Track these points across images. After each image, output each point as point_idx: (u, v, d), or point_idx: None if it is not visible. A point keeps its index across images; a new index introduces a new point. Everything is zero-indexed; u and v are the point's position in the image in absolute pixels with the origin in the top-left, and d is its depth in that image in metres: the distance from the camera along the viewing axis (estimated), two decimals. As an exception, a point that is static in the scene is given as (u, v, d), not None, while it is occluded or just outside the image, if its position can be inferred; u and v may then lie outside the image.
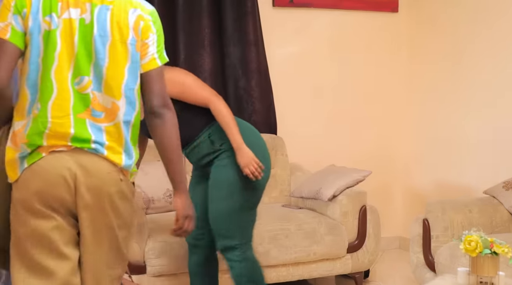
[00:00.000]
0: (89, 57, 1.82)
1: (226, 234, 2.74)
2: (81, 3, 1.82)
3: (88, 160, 1.81)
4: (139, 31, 1.88)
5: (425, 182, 4.39)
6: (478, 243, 2.24)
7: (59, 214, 1.81)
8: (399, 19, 4.53)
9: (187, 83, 2.68)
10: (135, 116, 1.89)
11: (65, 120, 1.80)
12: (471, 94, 4.00)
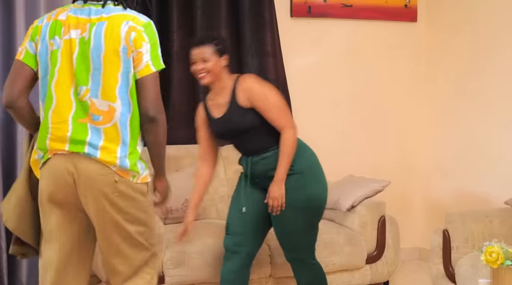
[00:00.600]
0: (87, 69, 2.09)
1: (294, 248, 2.92)
2: (82, 24, 2.10)
3: (82, 163, 2.08)
4: (130, 40, 2.09)
5: (444, 192, 4.35)
6: (499, 255, 2.21)
7: (64, 208, 2.14)
8: (418, 29, 4.52)
9: (272, 102, 2.80)
10: (131, 116, 2.11)
11: (63, 125, 2.09)
12: (492, 104, 3.96)
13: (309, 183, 2.85)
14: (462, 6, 4.19)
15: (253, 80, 2.85)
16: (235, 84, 2.83)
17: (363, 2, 4.33)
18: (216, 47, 2.80)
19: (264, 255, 3.28)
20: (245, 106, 2.79)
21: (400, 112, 4.51)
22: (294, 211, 2.82)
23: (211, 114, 2.91)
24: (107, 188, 2.07)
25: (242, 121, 2.81)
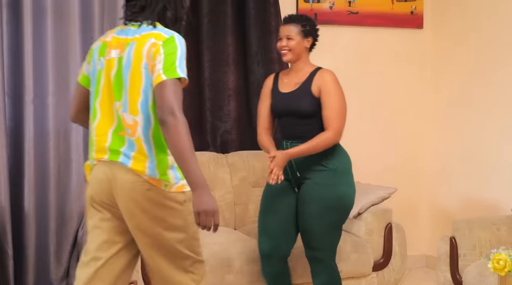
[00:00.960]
0: (120, 86, 2.24)
1: (317, 247, 2.94)
2: (121, 44, 2.27)
3: (119, 171, 2.22)
4: (150, 57, 2.20)
5: (451, 199, 4.34)
6: (507, 262, 2.20)
7: (104, 210, 2.29)
8: (424, 36, 4.52)
9: (335, 102, 2.89)
10: (152, 129, 2.20)
11: (103, 137, 2.27)
12: (498, 110, 3.96)
13: (340, 182, 2.93)
14: (468, 14, 4.19)
15: (333, 77, 2.97)
16: (315, 71, 2.98)
17: (369, 9, 4.34)
18: (302, 28, 2.95)
19: (271, 262, 3.28)
20: (314, 93, 2.91)
21: (406, 119, 4.50)
22: (321, 208, 2.88)
23: (278, 87, 3.04)
24: (139, 196, 2.17)
25: (304, 104, 2.92)
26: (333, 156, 2.93)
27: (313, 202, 2.90)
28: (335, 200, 2.90)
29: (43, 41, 3.59)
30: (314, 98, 2.92)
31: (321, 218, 2.90)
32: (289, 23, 2.97)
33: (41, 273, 3.63)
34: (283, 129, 3.06)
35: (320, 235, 2.93)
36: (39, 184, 3.60)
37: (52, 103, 3.63)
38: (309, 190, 2.93)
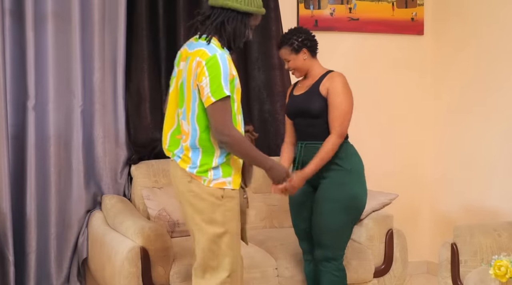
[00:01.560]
0: (182, 95, 2.53)
1: (328, 246, 3.00)
2: (185, 57, 2.54)
3: (174, 167, 2.61)
4: (195, 75, 2.45)
5: (452, 205, 4.33)
6: (508, 268, 2.20)
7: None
8: (425, 42, 4.52)
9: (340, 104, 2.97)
10: (198, 138, 2.49)
11: (165, 139, 2.64)
12: (498, 116, 3.96)
13: (354, 182, 3.00)
14: (468, 20, 4.20)
15: (342, 79, 3.03)
16: (326, 73, 3.06)
17: (369, 16, 4.35)
18: (290, 47, 3.04)
19: (270, 268, 3.27)
20: (322, 93, 3.00)
21: (407, 125, 4.50)
22: (334, 206, 2.94)
23: (293, 92, 3.17)
24: (183, 187, 2.53)
25: (313, 105, 3.00)
26: (347, 156, 3.00)
27: (327, 201, 2.96)
28: (349, 199, 2.96)
29: (44, 48, 3.60)
30: (323, 98, 3.00)
31: (333, 217, 2.95)
32: (280, 48, 3.08)
33: (42, 279, 3.63)
34: (297, 131, 3.15)
35: (331, 234, 2.99)
36: (40, 190, 3.61)
37: (53, 110, 3.64)
38: (324, 189, 3.00)
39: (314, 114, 3.00)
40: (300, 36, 3.05)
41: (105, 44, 3.71)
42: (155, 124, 3.83)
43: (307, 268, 3.22)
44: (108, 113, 3.74)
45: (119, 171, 3.75)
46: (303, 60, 3.06)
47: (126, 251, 3.03)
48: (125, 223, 3.25)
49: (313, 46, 3.09)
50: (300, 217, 3.13)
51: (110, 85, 3.74)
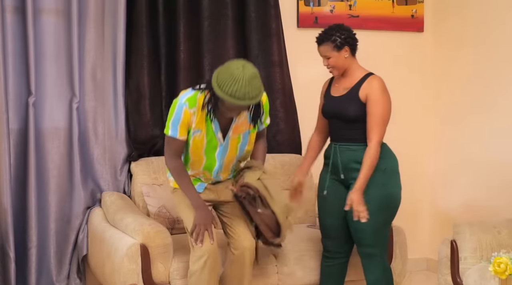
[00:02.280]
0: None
1: (368, 244, 3.04)
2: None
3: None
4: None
5: (452, 202, 4.33)
6: (508, 265, 2.20)
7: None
8: (425, 39, 4.52)
9: (378, 111, 2.96)
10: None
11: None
12: (498, 114, 3.96)
13: (389, 181, 3.03)
14: (469, 17, 4.19)
15: (381, 84, 3.02)
16: (365, 77, 3.03)
17: (369, 13, 4.34)
18: (333, 44, 3.00)
19: (271, 265, 3.27)
20: (362, 99, 2.99)
21: (406, 122, 4.50)
22: (371, 207, 2.94)
23: (330, 91, 3.14)
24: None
25: (350, 109, 3.01)
26: (381, 156, 3.01)
27: (364, 202, 2.96)
28: (385, 199, 3.00)
29: (44, 44, 3.60)
30: (362, 104, 3.00)
31: (371, 217, 2.94)
32: (321, 44, 3.04)
33: (42, 275, 3.64)
34: (331, 131, 3.16)
35: (371, 233, 3.01)
36: (41, 186, 3.61)
37: (53, 106, 3.64)
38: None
39: (351, 119, 3.01)
40: (343, 33, 3.02)
41: (104, 40, 3.71)
42: (155, 121, 3.82)
43: (326, 266, 3.22)
44: (107, 110, 3.74)
45: (118, 168, 3.75)
46: (344, 58, 3.03)
47: (126, 248, 3.03)
48: (125, 220, 3.25)
49: (355, 45, 3.07)
50: (328, 213, 3.13)
51: (109, 82, 3.74)
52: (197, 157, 2.99)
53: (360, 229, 3.01)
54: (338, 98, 3.08)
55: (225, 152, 3.00)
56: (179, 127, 2.87)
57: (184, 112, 2.84)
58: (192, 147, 2.95)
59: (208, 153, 2.97)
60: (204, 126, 2.91)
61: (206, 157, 2.99)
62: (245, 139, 3.01)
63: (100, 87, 3.71)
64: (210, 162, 3.00)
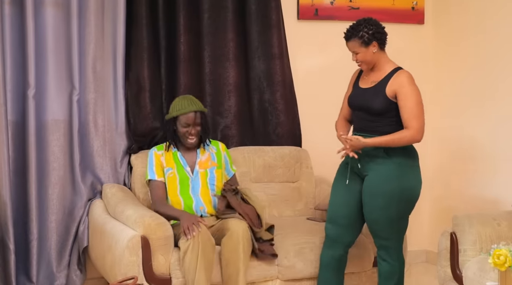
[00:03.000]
0: None
1: (383, 236, 3.06)
2: None
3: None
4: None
5: (452, 195, 4.34)
6: (507, 257, 2.21)
7: None
8: (425, 31, 4.51)
9: (411, 104, 2.96)
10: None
11: None
12: (498, 106, 3.96)
13: (404, 174, 3.00)
14: (469, 9, 4.18)
15: (409, 79, 3.00)
16: (393, 72, 3.02)
17: (370, 5, 4.33)
18: (360, 40, 2.99)
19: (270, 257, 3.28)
20: (388, 94, 2.98)
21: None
22: (386, 199, 2.97)
23: (359, 82, 3.15)
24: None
25: (375, 103, 3.00)
26: (399, 150, 3.00)
27: (378, 195, 2.98)
28: (399, 193, 2.98)
29: (43, 36, 3.60)
30: (387, 99, 2.99)
31: (386, 210, 2.98)
32: (349, 40, 3.03)
33: (43, 267, 3.64)
34: (355, 121, 3.18)
35: (386, 226, 3.03)
36: (41, 179, 3.61)
37: (53, 98, 3.64)
38: (373, 183, 3.01)
39: (376, 112, 3.01)
40: (370, 29, 2.99)
41: (104, 33, 3.70)
42: (155, 114, 3.82)
43: (325, 255, 3.21)
44: (107, 102, 3.74)
45: (119, 160, 3.76)
46: (372, 53, 3.02)
47: (126, 240, 3.04)
48: (125, 212, 3.25)
49: (383, 39, 3.04)
50: (343, 203, 3.13)
51: (109, 74, 3.74)
52: (175, 199, 3.37)
53: (375, 221, 3.04)
54: (365, 90, 3.08)
55: (197, 187, 3.38)
56: (155, 169, 3.39)
57: (154, 155, 3.42)
58: (169, 188, 3.38)
59: (183, 193, 3.37)
60: (174, 164, 3.40)
61: (183, 198, 3.36)
62: (212, 174, 3.42)
63: (100, 79, 3.71)
64: (187, 201, 3.36)
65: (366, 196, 3.03)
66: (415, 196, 3.07)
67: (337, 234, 3.17)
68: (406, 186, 3.00)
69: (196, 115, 3.38)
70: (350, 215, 3.12)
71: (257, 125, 4.08)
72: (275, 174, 3.92)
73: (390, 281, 3.08)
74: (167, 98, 3.88)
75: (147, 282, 3.06)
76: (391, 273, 3.09)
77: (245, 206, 3.29)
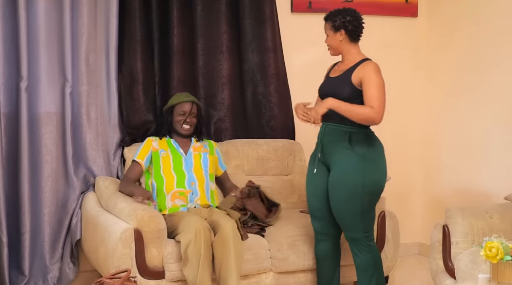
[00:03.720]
0: None
1: (351, 228, 3.07)
2: None
3: None
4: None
5: (444, 187, 4.36)
6: (499, 250, 2.22)
7: None
8: (419, 24, 4.52)
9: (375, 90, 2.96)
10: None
11: None
12: (491, 99, 3.97)
13: (368, 166, 3.00)
14: (463, 2, 4.19)
15: (374, 68, 3.02)
16: (361, 61, 3.06)
17: (363, -3, 4.32)
18: (332, 23, 3.08)
19: (263, 249, 3.28)
20: (353, 82, 3.02)
21: (400, 108, 4.51)
22: (350, 191, 2.98)
23: (330, 73, 3.23)
24: None
25: (342, 90, 3.04)
26: (361, 141, 3.02)
27: (342, 187, 3.00)
28: (363, 185, 2.98)
29: (36, 28, 3.57)
30: (353, 87, 3.02)
31: (351, 203, 2.99)
32: (325, 21, 3.13)
33: (36, 260, 3.64)
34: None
35: (352, 218, 3.03)
36: (34, 172, 3.60)
37: (45, 91, 3.62)
38: (337, 175, 3.03)
39: (343, 100, 3.02)
40: (345, 17, 3.05)
41: (97, 25, 3.69)
42: (148, 106, 3.81)
43: (318, 249, 3.25)
44: (100, 94, 3.73)
45: (112, 153, 3.75)
46: (338, 41, 3.09)
47: (119, 233, 3.04)
48: (118, 205, 3.25)
49: (355, 31, 3.08)
50: (314, 196, 3.16)
51: (102, 66, 3.72)
52: (168, 175, 3.43)
53: (341, 213, 3.04)
54: (334, 79, 3.13)
55: (190, 164, 3.48)
56: (140, 150, 3.51)
57: (147, 141, 3.54)
58: (163, 167, 3.45)
59: (176, 169, 3.46)
60: (167, 147, 3.52)
61: (176, 174, 3.44)
62: (205, 157, 3.54)
63: (93, 72, 3.69)
64: (179, 176, 3.44)
65: (331, 188, 3.05)
66: (379, 188, 3.07)
67: (320, 227, 3.20)
68: (370, 179, 3.00)
69: (193, 106, 3.54)
70: (322, 207, 3.14)
71: (251, 118, 4.08)
72: (268, 166, 3.92)
73: (366, 273, 3.08)
74: (160, 90, 3.87)
75: (140, 275, 3.06)
76: (365, 265, 3.08)
77: (257, 204, 3.47)
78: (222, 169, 3.69)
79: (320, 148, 3.11)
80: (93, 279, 3.23)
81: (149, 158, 3.51)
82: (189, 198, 3.43)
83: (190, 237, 3.01)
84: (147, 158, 3.51)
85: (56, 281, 3.64)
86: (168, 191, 3.42)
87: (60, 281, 3.65)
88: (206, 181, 3.49)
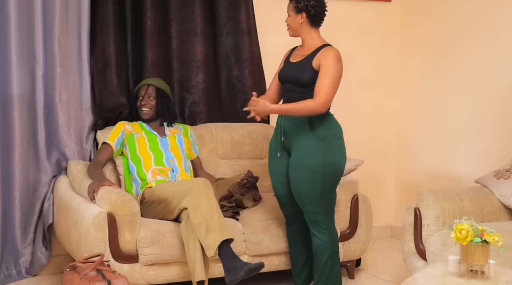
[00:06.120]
0: None
1: (311, 210, 3.07)
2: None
3: None
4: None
5: (416, 171, 4.41)
6: (469, 232, 2.25)
7: None
8: (393, 8, 4.53)
9: (329, 77, 2.98)
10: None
11: None
12: (463, 84, 4.01)
13: (328, 149, 3.02)
14: (436, -13, 4.21)
15: (334, 54, 3.04)
16: (322, 47, 3.07)
17: (338, -19, 4.31)
18: (295, 4, 3.05)
19: (238, 233, 3.29)
20: (314, 66, 3.02)
21: (374, 92, 4.53)
22: (310, 173, 2.99)
23: (290, 58, 3.19)
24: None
25: (303, 75, 3.03)
26: (321, 125, 3.03)
27: (302, 170, 3.00)
28: (322, 168, 2.99)
29: (5, 9, 3.50)
30: (314, 71, 3.02)
31: (310, 185, 3.00)
32: (289, 1, 3.09)
33: (7, 244, 3.60)
34: (283, 94, 3.20)
35: (313, 200, 3.04)
36: (5, 155, 3.55)
37: (16, 73, 3.55)
38: (298, 158, 3.03)
39: (304, 84, 3.03)
40: (309, 0, 3.04)
41: (68, 5, 3.62)
42: (121, 89, 3.77)
43: (290, 232, 3.29)
44: (72, 77, 3.67)
45: (84, 137, 3.71)
46: (298, 23, 3.07)
47: (92, 217, 3.02)
48: (91, 189, 3.22)
49: (316, 16, 3.07)
50: (279, 182, 3.17)
51: (74, 48, 3.66)
52: (145, 154, 3.46)
53: (301, 195, 3.05)
54: (294, 64, 3.13)
55: (166, 143, 3.53)
56: (111, 132, 3.52)
57: (118, 124, 3.57)
58: (139, 147, 3.47)
59: (152, 148, 3.49)
60: (141, 130, 3.56)
61: (153, 152, 3.47)
62: (180, 138, 3.59)
63: (65, 54, 3.63)
64: (157, 155, 3.47)
65: (292, 171, 3.06)
66: (340, 171, 3.10)
67: (288, 211, 3.23)
68: (330, 161, 3.02)
69: (148, 87, 3.60)
70: (287, 193, 3.15)
71: (225, 102, 4.06)
72: (242, 150, 3.92)
73: (324, 253, 3.10)
74: (133, 73, 3.82)
75: (113, 259, 3.05)
76: (323, 246, 3.09)
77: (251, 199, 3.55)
78: (195, 153, 3.70)
79: (283, 132, 3.10)
80: (66, 263, 3.20)
81: (120, 140, 3.52)
82: (170, 176, 3.43)
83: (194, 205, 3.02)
84: (118, 140, 3.52)
85: (28, 265, 3.61)
86: (147, 169, 3.43)
87: (32, 265, 3.62)
88: (183, 159, 3.52)
